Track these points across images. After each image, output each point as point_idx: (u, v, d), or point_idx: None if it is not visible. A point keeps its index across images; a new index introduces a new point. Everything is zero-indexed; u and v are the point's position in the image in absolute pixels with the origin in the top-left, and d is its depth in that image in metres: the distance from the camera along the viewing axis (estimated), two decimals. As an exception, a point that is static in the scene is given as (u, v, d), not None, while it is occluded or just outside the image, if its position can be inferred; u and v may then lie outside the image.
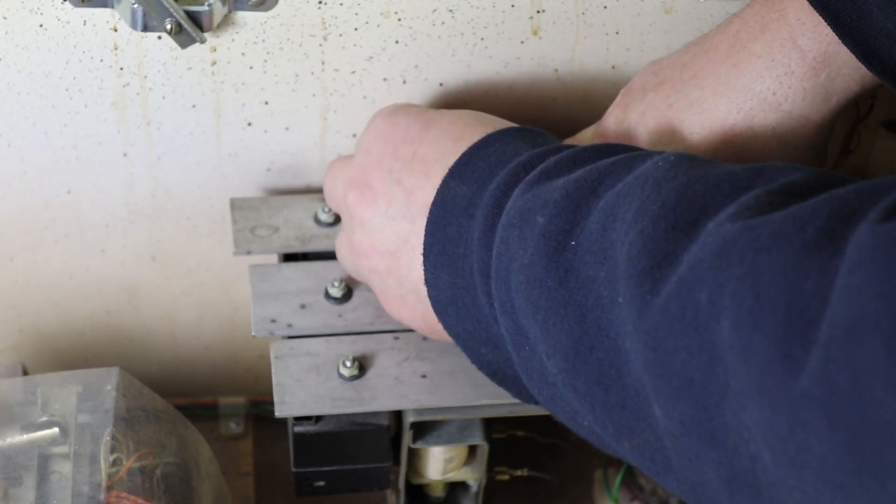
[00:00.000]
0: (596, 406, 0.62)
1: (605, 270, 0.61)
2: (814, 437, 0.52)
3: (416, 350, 0.82)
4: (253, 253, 0.86)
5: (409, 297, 0.76)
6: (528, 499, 1.00)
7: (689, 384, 0.57)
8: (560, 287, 0.63)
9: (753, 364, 0.54)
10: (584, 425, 0.65)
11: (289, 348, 0.82)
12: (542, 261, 0.64)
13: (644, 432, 0.61)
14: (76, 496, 0.78)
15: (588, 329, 0.62)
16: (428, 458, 0.86)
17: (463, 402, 0.80)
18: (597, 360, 0.62)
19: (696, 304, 0.56)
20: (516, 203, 0.68)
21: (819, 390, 0.52)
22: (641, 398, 0.60)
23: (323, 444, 0.83)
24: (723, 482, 0.57)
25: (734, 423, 0.56)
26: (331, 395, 0.79)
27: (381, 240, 0.76)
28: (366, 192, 0.77)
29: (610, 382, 0.61)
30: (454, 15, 0.82)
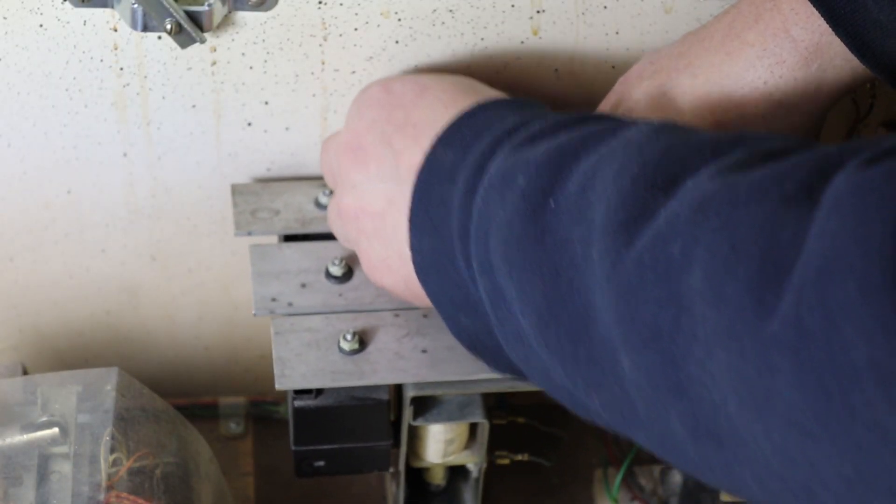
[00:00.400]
0: (566, 362, 0.63)
1: (581, 230, 0.62)
2: (781, 381, 0.52)
3: (417, 326, 0.82)
4: (254, 234, 0.86)
5: (393, 260, 0.76)
6: (529, 496, 1.00)
7: (657, 335, 0.57)
8: (536, 246, 0.64)
9: (724, 311, 0.54)
10: (557, 383, 0.65)
11: (289, 324, 0.82)
12: (520, 221, 0.65)
13: (612, 387, 0.61)
14: (76, 496, 0.78)
15: (561, 287, 0.62)
16: (428, 438, 0.86)
17: (463, 377, 0.81)
18: (568, 317, 0.62)
19: (669, 256, 0.57)
20: (499, 165, 0.68)
21: (790, 333, 0.51)
22: (609, 352, 0.60)
23: (323, 419, 0.83)
24: (688, 433, 0.57)
25: (698, 374, 0.56)
26: (331, 368, 0.80)
27: (370, 201, 0.76)
28: (358, 155, 0.78)
29: (580, 338, 0.62)
30: (454, 15, 0.82)
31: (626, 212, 0.60)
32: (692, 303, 0.55)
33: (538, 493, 1.01)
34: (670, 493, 1.00)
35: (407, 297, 0.78)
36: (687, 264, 0.56)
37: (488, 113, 0.74)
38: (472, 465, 0.89)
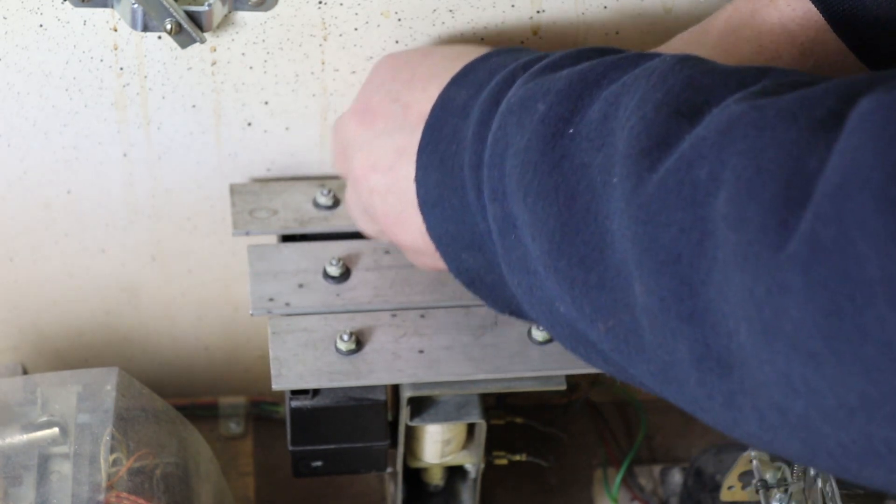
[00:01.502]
0: (576, 287, 0.62)
1: (601, 156, 0.61)
2: (792, 300, 0.52)
3: (414, 326, 0.82)
4: (252, 234, 0.86)
5: (409, 212, 0.74)
6: (528, 496, 1.01)
7: (676, 259, 0.57)
8: (553, 171, 0.63)
9: (745, 233, 0.54)
10: (561, 312, 0.65)
11: (286, 324, 0.82)
12: (538, 146, 0.64)
13: (620, 312, 0.60)
14: (76, 496, 0.78)
15: (576, 212, 0.62)
16: (425, 438, 0.86)
17: (460, 377, 0.81)
18: (582, 241, 0.61)
19: (695, 179, 0.56)
20: (517, 92, 0.68)
21: (804, 251, 0.51)
22: (622, 278, 0.60)
23: (320, 419, 0.83)
24: (694, 360, 0.57)
25: (716, 300, 0.55)
26: (328, 368, 0.80)
27: (379, 157, 0.75)
28: (365, 116, 0.77)
29: (592, 263, 0.61)
30: (454, 15, 0.82)
31: (650, 138, 0.59)
32: (716, 227, 0.55)
33: (538, 494, 1.01)
34: (670, 493, 1.00)
35: (425, 254, 0.76)
36: (714, 188, 0.55)
37: (503, 55, 0.73)
38: (470, 466, 0.89)
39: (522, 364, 0.81)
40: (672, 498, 1.00)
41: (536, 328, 0.82)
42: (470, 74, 0.73)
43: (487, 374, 0.81)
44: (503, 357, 0.82)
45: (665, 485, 1.01)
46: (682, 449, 1.03)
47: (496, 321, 0.83)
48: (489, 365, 0.81)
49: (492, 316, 0.83)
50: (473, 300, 0.83)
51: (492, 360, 0.81)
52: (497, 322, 0.83)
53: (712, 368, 0.57)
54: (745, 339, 0.54)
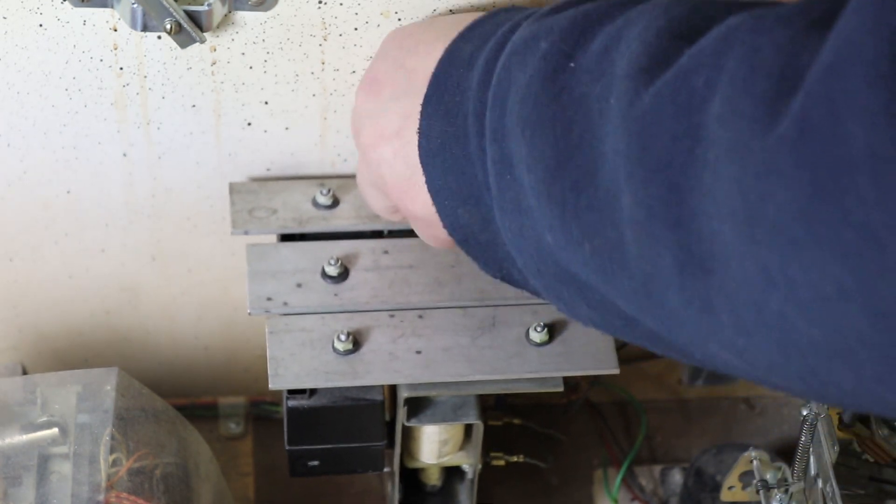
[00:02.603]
0: (566, 211, 0.63)
1: (600, 86, 0.62)
2: (777, 181, 0.52)
3: (412, 327, 0.82)
4: (250, 233, 0.86)
5: (418, 177, 0.74)
6: (527, 497, 1.01)
7: (666, 166, 0.57)
8: (552, 104, 0.64)
9: (737, 127, 0.54)
10: (549, 245, 0.65)
11: (284, 324, 0.82)
12: (539, 81, 0.65)
13: (606, 230, 0.61)
14: (75, 496, 0.78)
15: (572, 140, 0.62)
16: (422, 438, 0.86)
17: (457, 378, 0.81)
18: (575, 166, 0.62)
19: (692, 88, 0.56)
20: (521, 33, 0.68)
21: (793, 131, 0.51)
22: (611, 196, 0.60)
23: (316, 419, 0.83)
24: (677, 267, 0.57)
25: (703, 203, 0.55)
26: (325, 368, 0.80)
27: (385, 124, 0.75)
28: (372, 87, 0.76)
29: (584, 186, 0.62)
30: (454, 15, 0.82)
31: (649, 58, 0.59)
32: (708, 130, 0.55)
33: (538, 494, 1.01)
34: (670, 494, 1.00)
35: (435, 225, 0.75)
36: (710, 94, 0.56)
37: (510, 11, 0.73)
38: (467, 467, 0.89)
39: (520, 365, 0.81)
40: (672, 498, 1.00)
41: (535, 329, 0.82)
42: (476, 29, 0.73)
43: (485, 375, 0.81)
44: (501, 358, 0.82)
45: (665, 485, 1.01)
46: (683, 449, 1.03)
47: (494, 322, 0.83)
48: (486, 366, 0.81)
49: (490, 317, 0.83)
50: (472, 301, 0.84)
51: (489, 361, 0.81)
52: (495, 323, 0.83)
53: (694, 273, 0.57)
54: (728, 234, 0.54)
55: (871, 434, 0.85)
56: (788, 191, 0.51)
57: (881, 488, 0.84)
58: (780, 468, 0.89)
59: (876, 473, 0.85)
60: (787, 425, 1.05)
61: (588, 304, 0.66)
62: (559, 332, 0.83)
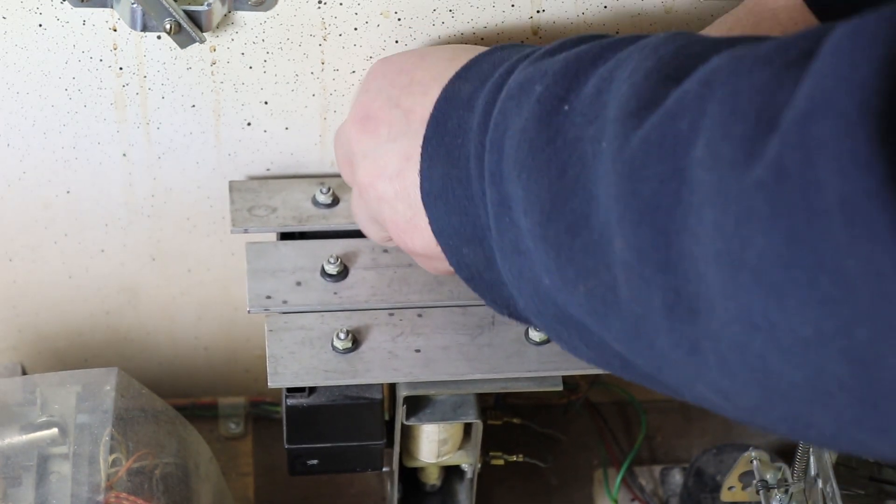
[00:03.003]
0: (562, 254, 0.63)
1: (593, 129, 0.62)
2: (757, 226, 0.52)
3: (411, 326, 0.82)
4: (250, 231, 0.86)
5: (420, 217, 0.74)
6: (527, 497, 1.00)
7: (654, 210, 0.57)
8: (547, 147, 0.64)
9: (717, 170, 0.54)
10: (546, 287, 0.66)
11: (283, 322, 0.82)
12: (534, 124, 0.65)
13: (600, 272, 0.61)
14: (75, 496, 0.78)
15: (566, 183, 0.63)
16: (422, 438, 0.86)
17: (456, 377, 0.81)
18: (570, 209, 0.62)
19: (677, 131, 0.57)
20: (517, 77, 0.68)
21: (770, 177, 0.52)
22: (605, 240, 0.61)
23: (315, 417, 0.83)
24: (666, 310, 0.58)
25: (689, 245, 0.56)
26: (324, 366, 0.80)
27: (385, 165, 0.75)
28: (367, 124, 0.76)
29: (578, 229, 0.62)
30: (454, 15, 0.82)
31: (637, 101, 0.60)
32: (692, 173, 0.56)
33: (538, 494, 1.01)
34: (670, 494, 1.00)
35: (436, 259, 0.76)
36: (693, 137, 0.56)
37: (507, 50, 0.74)
38: (467, 466, 0.89)
39: (519, 364, 0.81)
40: (672, 498, 1.00)
41: (534, 329, 0.82)
42: (473, 68, 0.73)
43: (484, 374, 0.81)
44: (500, 357, 0.82)
45: (665, 485, 1.01)
46: (683, 449, 1.03)
47: (493, 321, 0.83)
48: (486, 365, 0.81)
49: (489, 316, 0.83)
50: (471, 300, 0.84)
51: (488, 359, 0.81)
52: (494, 322, 0.83)
53: (682, 315, 0.57)
54: (713, 277, 0.55)
55: (871, 434, 0.84)
56: (766, 236, 0.52)
57: (881, 488, 0.84)
58: (780, 468, 0.89)
59: (876, 473, 0.85)
60: (787, 425, 1.05)
61: (586, 345, 0.66)
62: None
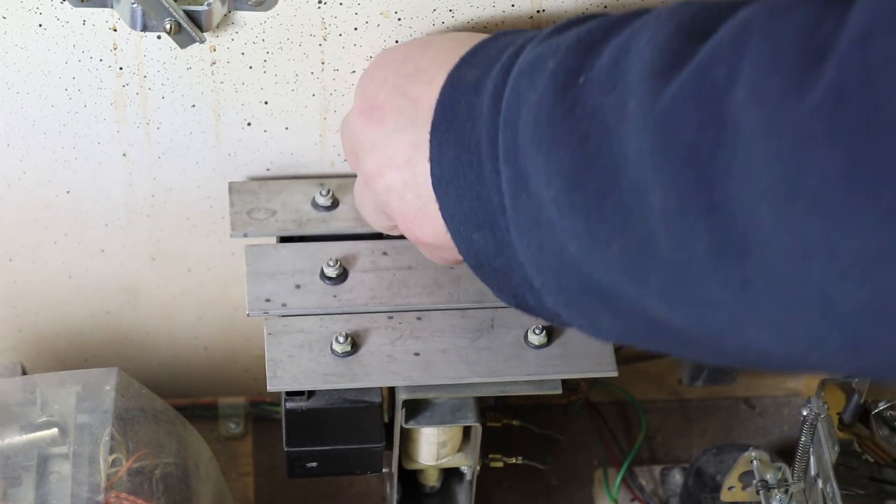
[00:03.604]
0: (591, 218, 0.64)
1: (613, 96, 0.63)
2: (815, 152, 0.53)
3: (410, 329, 0.82)
4: (249, 236, 0.86)
5: (429, 206, 0.74)
6: (527, 497, 1.00)
7: (694, 156, 0.58)
8: (566, 117, 0.65)
9: (766, 105, 0.55)
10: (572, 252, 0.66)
11: (282, 325, 0.82)
12: (550, 97, 0.66)
13: (635, 227, 0.62)
14: (75, 497, 0.78)
15: (590, 149, 0.63)
16: (421, 441, 0.86)
17: (455, 380, 0.81)
18: (597, 173, 0.63)
19: (713, 79, 0.58)
20: (527, 56, 0.69)
21: (827, 101, 0.52)
22: (638, 195, 0.61)
23: (315, 421, 0.83)
24: (712, 252, 0.58)
25: (736, 186, 0.57)
26: (323, 370, 0.80)
27: (392, 155, 0.75)
28: (373, 114, 0.76)
29: (607, 191, 0.63)
30: (454, 15, 0.82)
31: (663, 61, 0.61)
32: (736, 115, 0.57)
33: (538, 494, 1.01)
34: (670, 494, 1.00)
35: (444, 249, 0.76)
36: (731, 83, 0.57)
37: (511, 35, 0.74)
38: (466, 468, 0.89)
39: (518, 368, 0.81)
40: (672, 498, 1.00)
41: (533, 332, 0.82)
42: (479, 53, 0.73)
43: (483, 377, 0.81)
44: (499, 361, 0.81)
45: (665, 485, 1.01)
46: (683, 449, 1.03)
47: (492, 324, 0.83)
48: (485, 368, 0.81)
49: (488, 319, 0.83)
50: (470, 303, 0.84)
51: (487, 363, 0.81)
52: (493, 325, 0.83)
53: (729, 256, 0.58)
54: (765, 212, 0.55)
55: (872, 434, 0.85)
56: (825, 160, 0.52)
57: (881, 488, 0.84)
58: (780, 468, 0.89)
59: (876, 473, 0.85)
60: (787, 425, 1.05)
61: (613, 313, 0.66)
62: (558, 334, 0.83)
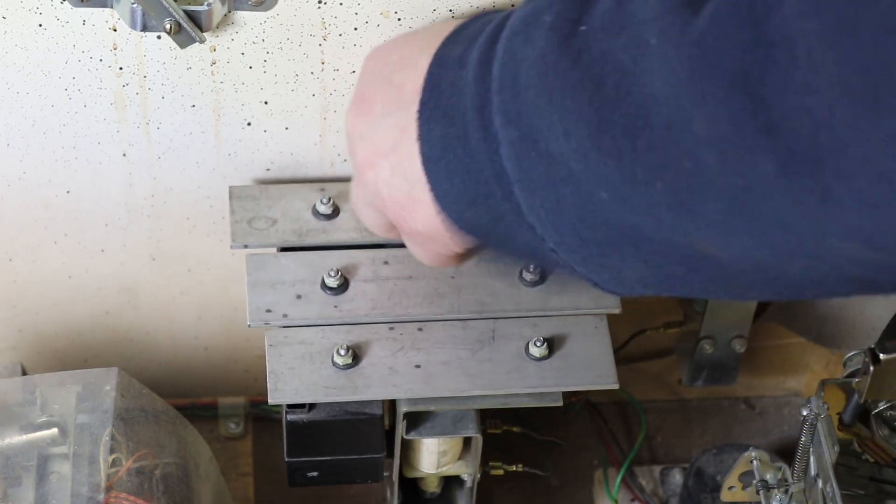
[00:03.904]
0: (624, 158, 0.63)
1: (623, 38, 0.62)
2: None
3: (411, 340, 0.82)
4: (250, 247, 0.86)
5: (416, 189, 0.73)
6: (527, 498, 1.00)
7: (743, 77, 0.58)
8: (575, 66, 0.64)
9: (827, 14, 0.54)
10: (602, 201, 0.65)
11: (283, 336, 0.82)
12: (552, 51, 0.65)
13: (679, 162, 0.61)
14: (75, 497, 0.77)
15: (608, 94, 0.63)
16: (421, 450, 0.86)
17: (456, 393, 0.81)
18: (621, 115, 0.62)
19: (751, 1, 0.57)
20: (518, 15, 0.68)
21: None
22: (677, 129, 0.61)
23: (316, 432, 0.83)
24: (780, 170, 0.58)
25: (798, 100, 0.56)
26: (324, 383, 0.80)
27: (380, 141, 0.74)
28: (362, 106, 0.76)
29: (638, 130, 0.62)
30: (454, 15, 0.82)
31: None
32: (788, 30, 0.56)
33: (538, 494, 1.01)
34: (670, 494, 1.00)
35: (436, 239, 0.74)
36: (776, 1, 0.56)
37: (490, 14, 0.74)
38: (466, 476, 0.89)
39: (519, 380, 0.81)
40: (672, 498, 1.00)
41: (534, 344, 0.82)
42: (462, 31, 0.73)
43: (484, 390, 0.81)
44: (500, 373, 0.81)
45: (665, 485, 1.01)
46: (683, 449, 1.03)
47: (493, 335, 0.83)
48: (486, 381, 0.81)
49: (489, 330, 0.83)
50: (471, 313, 0.84)
51: (488, 375, 0.81)
52: (494, 336, 0.83)
53: (801, 169, 0.57)
54: (841, 117, 0.55)
55: (871, 434, 0.85)
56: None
57: (881, 488, 0.84)
58: (780, 468, 0.88)
59: (876, 473, 0.85)
60: (787, 425, 1.05)
61: (645, 261, 0.66)
62: (558, 346, 0.83)
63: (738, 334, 0.96)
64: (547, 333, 0.83)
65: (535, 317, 0.84)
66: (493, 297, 0.84)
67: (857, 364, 0.86)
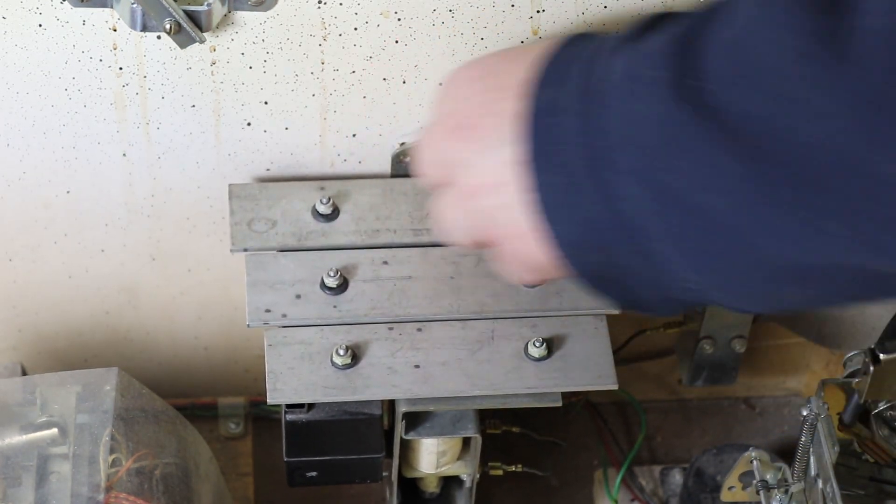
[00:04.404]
0: (800, 208, 0.61)
1: (761, 91, 0.61)
2: None
3: (410, 340, 0.82)
4: (249, 251, 0.86)
5: (536, 226, 0.71)
6: (527, 498, 1.00)
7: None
8: (709, 127, 0.63)
9: None
10: (763, 247, 0.64)
11: (282, 336, 0.82)
12: (675, 111, 0.63)
13: (864, 203, 0.60)
14: (75, 497, 0.78)
15: (762, 146, 0.61)
16: (421, 450, 0.86)
17: (455, 393, 0.81)
18: (783, 167, 0.61)
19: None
20: (618, 67, 0.67)
21: None
22: (852, 172, 0.59)
23: (315, 432, 0.83)
24: None
25: None
26: (323, 382, 0.80)
27: (492, 173, 0.73)
28: (464, 132, 0.74)
29: (804, 176, 0.61)
30: (454, 15, 0.82)
31: (814, 25, 0.59)
32: None
33: (538, 494, 1.01)
34: (670, 494, 1.00)
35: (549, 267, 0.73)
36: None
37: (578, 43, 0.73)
38: (465, 476, 0.89)
39: (518, 381, 0.81)
40: (672, 498, 1.00)
41: (533, 344, 0.82)
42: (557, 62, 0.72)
43: (483, 390, 0.81)
44: (499, 373, 0.81)
45: (665, 485, 1.01)
46: (682, 449, 1.03)
47: (493, 336, 0.83)
48: (485, 381, 0.81)
49: (488, 330, 0.83)
50: (470, 314, 0.84)
51: (487, 375, 0.81)
52: (493, 337, 0.83)
53: None
54: None
55: (871, 434, 0.85)
56: None
57: (881, 488, 0.84)
58: (780, 468, 0.88)
59: (876, 473, 0.85)
60: (787, 425, 1.05)
61: (814, 286, 0.64)
62: (558, 347, 0.83)
63: (738, 334, 0.96)
64: (546, 334, 0.83)
65: (534, 317, 0.84)
66: (492, 298, 0.84)
67: (857, 364, 0.86)
